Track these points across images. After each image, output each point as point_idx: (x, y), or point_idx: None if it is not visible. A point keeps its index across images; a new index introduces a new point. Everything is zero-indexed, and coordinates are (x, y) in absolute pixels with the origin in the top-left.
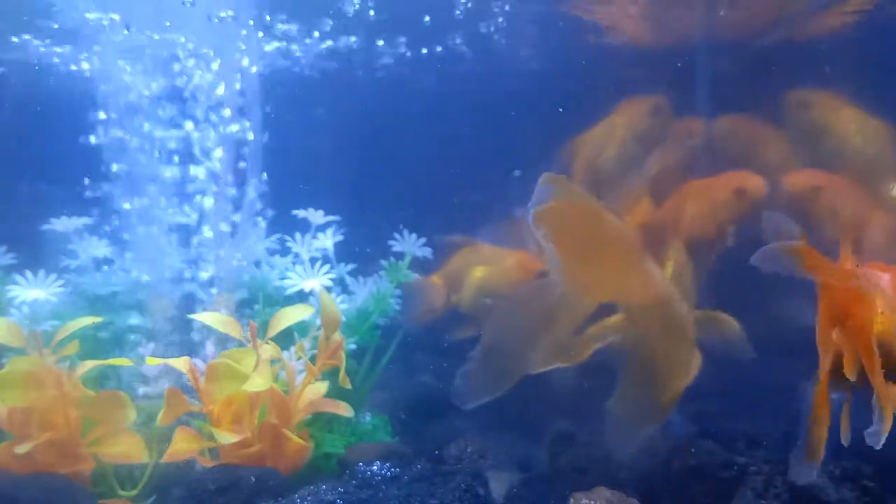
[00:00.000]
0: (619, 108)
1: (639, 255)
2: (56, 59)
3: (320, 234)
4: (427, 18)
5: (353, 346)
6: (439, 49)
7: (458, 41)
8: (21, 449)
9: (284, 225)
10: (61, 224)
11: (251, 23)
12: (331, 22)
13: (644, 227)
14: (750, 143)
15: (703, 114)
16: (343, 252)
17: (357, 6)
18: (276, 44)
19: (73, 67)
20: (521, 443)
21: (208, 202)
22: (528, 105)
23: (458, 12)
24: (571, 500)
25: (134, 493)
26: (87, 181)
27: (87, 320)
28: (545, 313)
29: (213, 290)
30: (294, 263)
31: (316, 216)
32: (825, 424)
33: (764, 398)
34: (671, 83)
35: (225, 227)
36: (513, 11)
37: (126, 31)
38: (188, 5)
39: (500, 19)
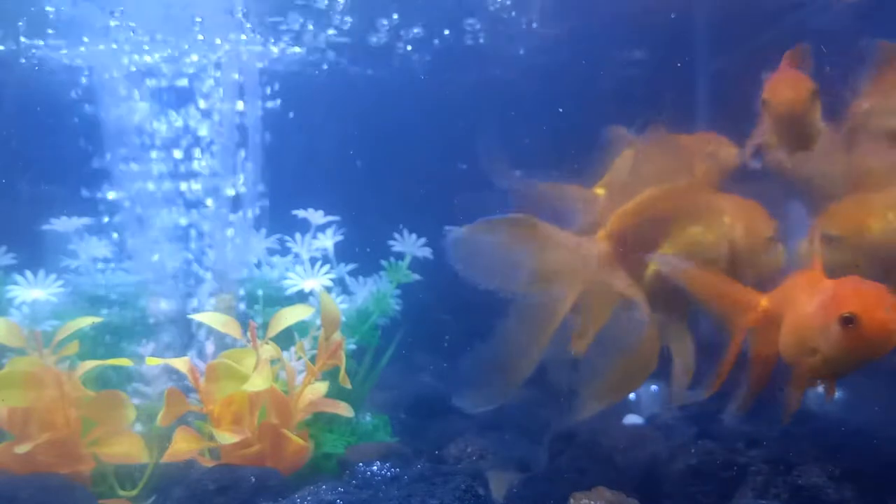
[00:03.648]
0: None
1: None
2: (56, 59)
3: (320, 234)
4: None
5: (353, 346)
6: (443, 48)
7: (461, 40)
8: (21, 449)
9: (284, 225)
10: (61, 224)
11: (248, 25)
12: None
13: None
14: None
15: None
16: (343, 252)
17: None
18: (279, 49)
19: (71, 64)
20: (521, 443)
21: (208, 202)
22: (529, 105)
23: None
24: (571, 500)
25: (134, 493)
26: (86, 181)
27: (87, 320)
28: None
29: (214, 290)
30: (294, 263)
31: (316, 216)
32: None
33: (764, 398)
34: None
35: (225, 227)
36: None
37: (130, 31)
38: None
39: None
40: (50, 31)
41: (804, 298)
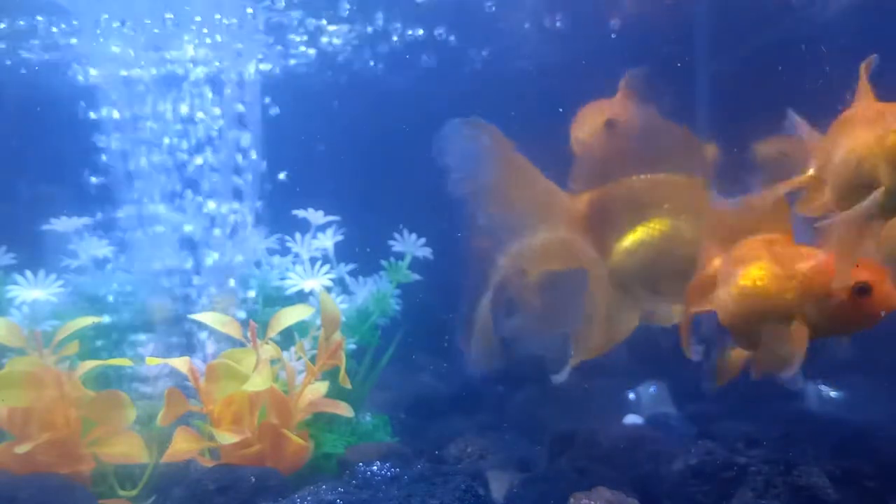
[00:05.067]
0: None
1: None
2: (56, 58)
3: (320, 234)
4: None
5: (353, 346)
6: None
7: (461, 41)
8: (21, 449)
9: (284, 225)
10: (61, 224)
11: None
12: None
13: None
14: None
15: None
16: (343, 252)
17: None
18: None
19: (73, 66)
20: (521, 443)
21: (209, 202)
22: (529, 105)
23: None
24: (571, 500)
25: (134, 493)
26: (87, 181)
27: (87, 320)
28: None
29: (213, 291)
30: (294, 263)
31: (316, 216)
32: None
33: (764, 398)
34: None
35: (225, 227)
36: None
37: (122, 25)
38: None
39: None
40: (51, 30)
41: (765, 262)
